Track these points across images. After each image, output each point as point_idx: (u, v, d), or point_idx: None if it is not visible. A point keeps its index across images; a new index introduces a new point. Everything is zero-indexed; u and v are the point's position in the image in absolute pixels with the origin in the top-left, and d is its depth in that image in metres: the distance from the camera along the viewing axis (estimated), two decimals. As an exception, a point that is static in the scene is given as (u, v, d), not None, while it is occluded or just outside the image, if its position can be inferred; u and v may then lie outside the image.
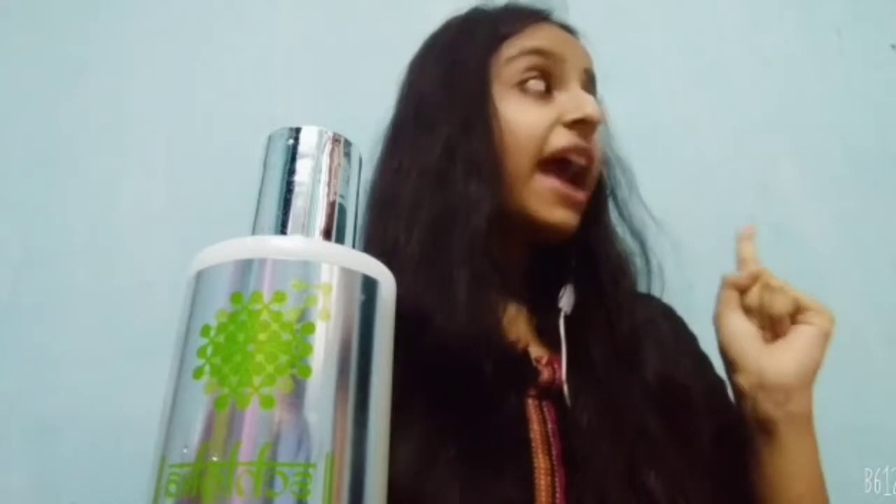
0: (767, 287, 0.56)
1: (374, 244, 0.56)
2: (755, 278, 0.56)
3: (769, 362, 0.53)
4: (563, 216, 0.57)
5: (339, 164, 0.34)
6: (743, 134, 0.96)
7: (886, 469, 0.43)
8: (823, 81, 1.01)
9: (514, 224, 0.56)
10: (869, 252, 0.92)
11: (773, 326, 0.55)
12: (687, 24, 1.03)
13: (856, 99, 1.00)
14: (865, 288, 0.89)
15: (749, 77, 1.00)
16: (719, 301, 0.57)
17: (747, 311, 0.56)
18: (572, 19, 0.65)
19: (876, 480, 0.44)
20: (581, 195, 0.58)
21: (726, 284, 0.57)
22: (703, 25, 1.03)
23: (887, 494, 0.43)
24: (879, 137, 0.98)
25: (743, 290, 0.57)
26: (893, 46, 1.03)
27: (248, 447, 0.25)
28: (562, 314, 0.58)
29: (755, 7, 1.05)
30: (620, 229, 0.64)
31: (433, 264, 0.52)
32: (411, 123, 0.60)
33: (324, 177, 0.33)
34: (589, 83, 0.61)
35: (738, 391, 0.55)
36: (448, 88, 0.59)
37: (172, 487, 0.25)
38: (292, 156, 0.33)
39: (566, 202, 0.57)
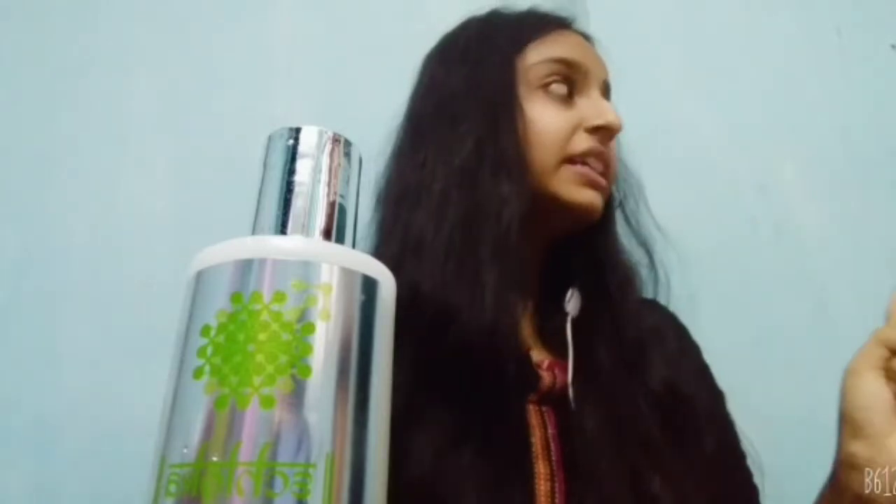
0: None
1: (394, 237, 0.55)
2: None
3: None
4: (590, 196, 0.58)
5: (339, 164, 0.34)
6: (743, 134, 0.96)
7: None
8: (823, 81, 1.01)
9: (539, 217, 0.56)
10: (869, 252, 0.91)
11: None
12: (686, 24, 1.03)
13: (856, 99, 1.00)
14: (865, 288, 0.89)
15: (749, 77, 1.00)
16: (861, 355, 0.47)
17: (889, 376, 0.46)
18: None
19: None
20: (604, 181, 0.59)
21: (876, 340, 0.47)
22: (703, 25, 1.03)
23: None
24: (879, 137, 0.98)
25: (894, 352, 0.46)
26: (893, 46, 1.03)
27: (248, 447, 0.25)
28: (569, 318, 0.58)
29: (755, 7, 1.05)
30: (627, 238, 0.65)
31: (462, 261, 0.52)
32: (434, 119, 0.60)
33: (324, 177, 0.33)
34: (606, 93, 0.62)
35: (847, 460, 0.45)
36: (474, 86, 0.59)
37: (172, 487, 0.25)
38: (292, 156, 0.33)
39: (592, 184, 0.58)
